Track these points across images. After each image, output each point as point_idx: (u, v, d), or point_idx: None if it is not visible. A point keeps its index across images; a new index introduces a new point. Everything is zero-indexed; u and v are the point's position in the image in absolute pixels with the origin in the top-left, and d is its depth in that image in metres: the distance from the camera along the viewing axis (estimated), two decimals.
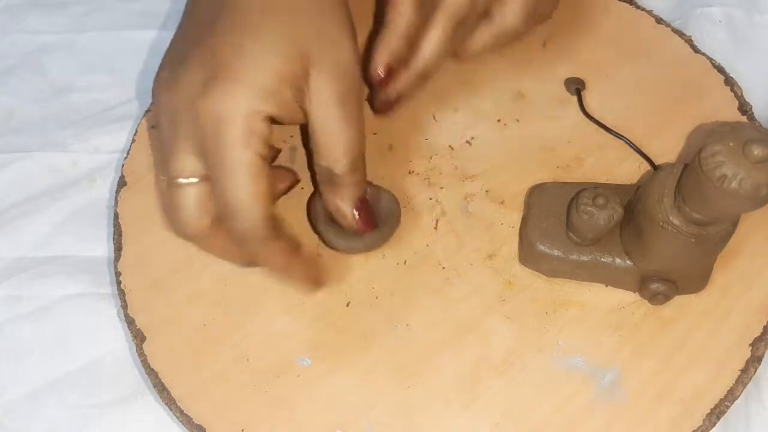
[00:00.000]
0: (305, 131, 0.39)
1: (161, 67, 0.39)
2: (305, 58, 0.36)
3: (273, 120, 0.36)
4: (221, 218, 0.36)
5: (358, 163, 0.38)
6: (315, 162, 0.38)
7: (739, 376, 0.39)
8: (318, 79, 0.36)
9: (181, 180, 0.36)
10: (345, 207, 0.39)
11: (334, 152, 0.37)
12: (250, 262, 0.39)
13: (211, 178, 0.36)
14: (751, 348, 0.40)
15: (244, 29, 0.36)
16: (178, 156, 0.36)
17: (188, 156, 0.36)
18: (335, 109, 0.37)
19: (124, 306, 0.42)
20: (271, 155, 0.38)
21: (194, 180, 0.36)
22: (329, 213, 0.40)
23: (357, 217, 0.40)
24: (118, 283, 0.43)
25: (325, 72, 0.36)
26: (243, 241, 0.36)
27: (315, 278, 0.41)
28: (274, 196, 0.41)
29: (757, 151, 0.32)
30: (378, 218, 0.42)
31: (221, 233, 0.37)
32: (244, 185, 0.35)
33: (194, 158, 0.36)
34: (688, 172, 0.35)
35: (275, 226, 0.36)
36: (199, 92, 0.35)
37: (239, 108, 0.34)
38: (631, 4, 0.52)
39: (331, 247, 0.42)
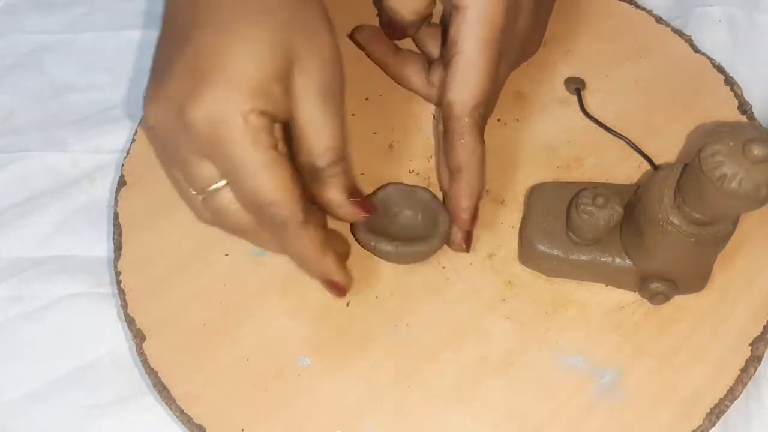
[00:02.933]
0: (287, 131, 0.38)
1: (149, 78, 0.38)
2: (289, 51, 0.35)
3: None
4: (253, 216, 0.36)
5: (341, 153, 0.38)
6: (297, 159, 0.37)
7: (739, 376, 0.39)
8: (301, 72, 0.35)
9: (212, 187, 0.36)
10: (336, 197, 0.38)
11: (317, 145, 0.37)
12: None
13: (228, 180, 0.35)
14: (750, 347, 0.40)
15: (224, 28, 0.35)
16: (194, 166, 0.35)
17: (203, 163, 0.35)
18: (318, 104, 0.36)
19: (124, 306, 0.42)
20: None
21: (224, 183, 0.35)
22: (324, 209, 0.39)
23: (353, 204, 0.38)
24: (118, 282, 0.43)
25: (308, 65, 0.36)
26: (279, 231, 0.36)
27: (345, 279, 0.40)
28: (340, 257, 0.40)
29: (756, 150, 0.32)
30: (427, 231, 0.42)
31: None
32: (268, 180, 0.34)
33: (209, 163, 0.35)
34: (688, 171, 0.35)
35: (307, 211, 0.36)
36: (186, 100, 0.34)
37: (234, 108, 0.33)
38: (631, 4, 0.52)
39: (379, 256, 0.42)
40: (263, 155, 0.34)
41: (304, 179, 0.38)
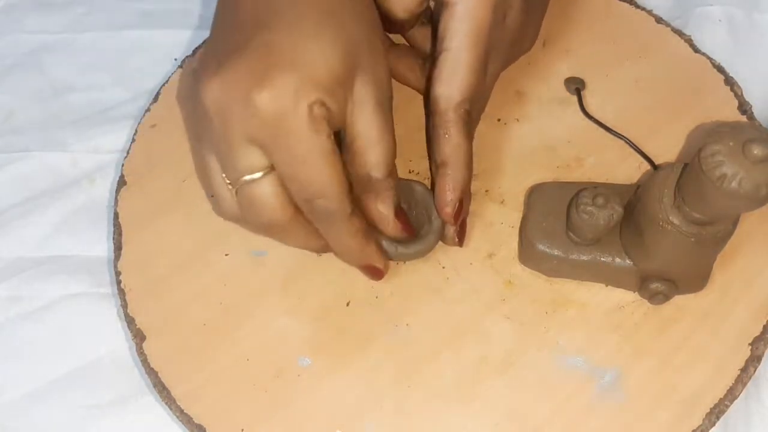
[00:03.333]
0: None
1: (204, 61, 0.38)
2: (354, 64, 0.36)
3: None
4: (302, 205, 0.37)
5: (394, 167, 0.39)
6: (354, 169, 0.38)
7: (739, 376, 0.39)
8: (362, 85, 0.36)
9: (249, 177, 0.36)
10: (387, 211, 0.39)
11: (375, 157, 0.38)
12: (326, 247, 0.40)
13: (281, 170, 0.35)
14: (750, 347, 0.40)
15: (298, 26, 0.36)
16: (240, 152, 0.35)
17: (250, 150, 0.35)
18: (376, 116, 0.37)
19: (124, 305, 0.42)
20: None
21: (261, 173, 0.36)
22: (372, 222, 0.40)
23: (399, 222, 0.40)
24: (118, 282, 0.43)
25: (369, 80, 0.37)
26: (326, 222, 0.37)
27: (383, 264, 0.41)
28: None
29: (756, 150, 0.32)
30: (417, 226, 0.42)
31: (300, 221, 0.38)
32: (323, 170, 0.35)
33: (257, 151, 0.35)
34: (688, 171, 0.35)
35: (355, 204, 0.37)
36: (256, 84, 0.34)
37: (302, 97, 0.34)
38: (631, 4, 0.52)
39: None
40: (323, 145, 0.35)
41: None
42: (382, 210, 0.39)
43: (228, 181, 0.37)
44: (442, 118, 0.40)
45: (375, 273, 0.41)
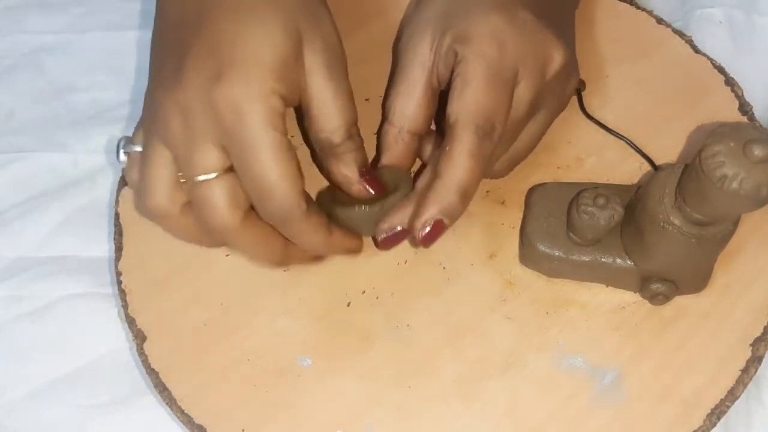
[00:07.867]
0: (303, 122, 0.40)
1: (154, 72, 0.38)
2: (298, 33, 0.36)
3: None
4: (256, 205, 0.36)
5: (354, 128, 0.39)
6: (313, 136, 0.39)
7: (740, 376, 0.39)
8: (310, 53, 0.37)
9: (203, 177, 0.35)
10: (350, 173, 0.39)
11: (331, 121, 0.38)
12: (284, 260, 0.40)
13: (237, 167, 0.35)
14: (751, 348, 0.40)
15: (240, 15, 0.36)
16: (199, 151, 0.35)
17: (209, 149, 0.35)
18: (327, 80, 0.37)
19: (125, 306, 0.42)
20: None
21: (215, 174, 0.35)
22: (338, 186, 0.40)
23: (364, 182, 0.40)
24: (119, 282, 0.43)
25: (315, 46, 0.37)
26: (282, 222, 0.37)
27: (356, 244, 0.41)
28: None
29: (757, 151, 0.32)
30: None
31: (253, 227, 0.37)
32: (276, 165, 0.35)
33: (215, 151, 0.35)
34: (689, 172, 0.35)
35: (310, 201, 0.37)
36: (211, 83, 0.34)
37: (257, 90, 0.34)
38: (631, 5, 0.52)
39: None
40: (275, 141, 0.35)
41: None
42: (346, 173, 0.39)
43: (183, 180, 0.36)
44: (449, 132, 0.38)
45: (353, 252, 0.41)
